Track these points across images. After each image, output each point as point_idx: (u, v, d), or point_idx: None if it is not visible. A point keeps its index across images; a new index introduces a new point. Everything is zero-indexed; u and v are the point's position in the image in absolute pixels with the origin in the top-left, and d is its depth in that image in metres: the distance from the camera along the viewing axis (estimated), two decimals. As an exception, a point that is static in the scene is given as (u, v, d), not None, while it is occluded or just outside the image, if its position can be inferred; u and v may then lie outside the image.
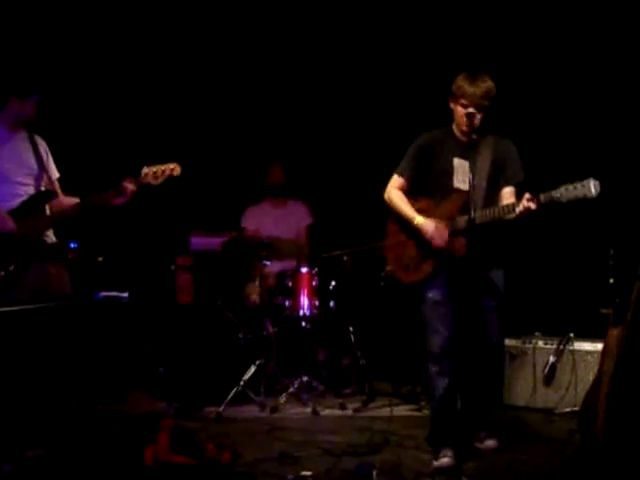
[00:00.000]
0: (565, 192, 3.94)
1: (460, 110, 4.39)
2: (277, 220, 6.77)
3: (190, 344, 5.98)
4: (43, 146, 4.79)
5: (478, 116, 4.37)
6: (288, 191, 6.90)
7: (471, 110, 4.33)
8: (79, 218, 4.66)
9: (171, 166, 4.66)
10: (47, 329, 4.40)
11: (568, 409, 5.41)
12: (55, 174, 4.84)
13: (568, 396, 5.46)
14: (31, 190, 4.63)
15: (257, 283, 6.28)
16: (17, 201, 4.55)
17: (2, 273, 4.40)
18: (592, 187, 3.86)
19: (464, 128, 4.42)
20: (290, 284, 6.13)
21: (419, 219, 4.45)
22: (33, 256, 4.49)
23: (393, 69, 6.97)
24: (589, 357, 5.47)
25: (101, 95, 6.91)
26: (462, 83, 4.36)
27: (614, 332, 4.24)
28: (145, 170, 4.64)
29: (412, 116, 6.83)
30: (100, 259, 5.63)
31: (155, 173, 4.63)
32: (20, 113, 4.61)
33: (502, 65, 4.60)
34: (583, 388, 5.10)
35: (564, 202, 3.96)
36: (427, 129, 4.66)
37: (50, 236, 4.64)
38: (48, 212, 4.64)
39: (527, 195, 4.12)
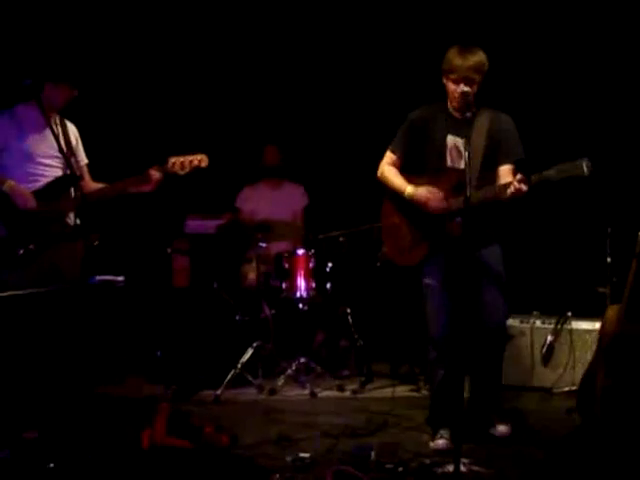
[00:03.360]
0: (556, 173, 3.89)
1: (451, 86, 4.23)
2: (273, 202, 6.74)
3: (187, 327, 5.96)
4: (73, 131, 4.84)
5: (467, 90, 4.14)
6: (284, 172, 6.87)
7: (463, 87, 4.14)
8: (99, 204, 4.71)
9: (198, 157, 4.65)
10: (43, 313, 4.39)
11: (566, 388, 5.41)
12: (84, 160, 4.89)
13: (566, 375, 5.46)
14: (58, 173, 4.65)
15: (253, 265, 6.25)
16: (42, 182, 4.58)
17: (21, 251, 4.42)
18: (584, 167, 3.82)
19: (455, 104, 4.27)
20: (287, 266, 6.11)
21: (409, 189, 4.32)
22: (53, 238, 4.50)
23: (387, 48, 6.92)
24: (587, 336, 5.46)
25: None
26: (452, 57, 4.21)
27: (612, 310, 4.24)
28: (172, 160, 4.64)
29: (408, 96, 6.78)
30: (96, 243, 5.58)
31: (182, 163, 4.62)
32: (53, 98, 4.63)
33: (496, 42, 4.51)
34: (581, 367, 5.11)
35: (556, 180, 3.90)
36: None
37: (72, 219, 4.64)
38: (73, 195, 4.63)
39: (519, 176, 4.04)
